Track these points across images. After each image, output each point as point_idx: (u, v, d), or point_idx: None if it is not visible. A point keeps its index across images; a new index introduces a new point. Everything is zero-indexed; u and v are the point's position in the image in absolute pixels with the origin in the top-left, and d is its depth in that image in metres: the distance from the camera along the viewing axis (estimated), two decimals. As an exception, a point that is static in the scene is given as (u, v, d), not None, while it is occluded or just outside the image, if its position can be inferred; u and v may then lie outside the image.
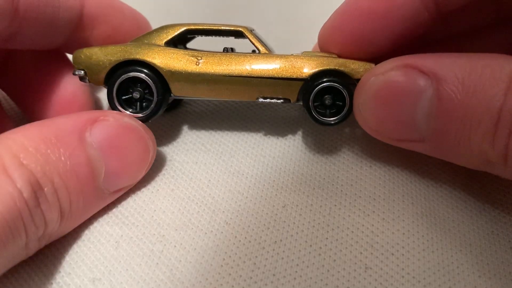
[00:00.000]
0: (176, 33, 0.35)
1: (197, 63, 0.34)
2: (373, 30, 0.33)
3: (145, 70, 0.34)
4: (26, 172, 0.26)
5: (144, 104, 0.35)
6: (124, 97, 0.35)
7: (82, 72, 0.35)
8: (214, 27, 0.36)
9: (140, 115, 0.35)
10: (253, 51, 0.36)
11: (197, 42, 0.41)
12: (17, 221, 0.25)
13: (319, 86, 0.34)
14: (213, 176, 0.36)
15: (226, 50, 0.36)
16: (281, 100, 0.35)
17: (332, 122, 0.35)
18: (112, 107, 0.35)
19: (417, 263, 0.30)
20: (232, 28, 0.36)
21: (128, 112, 0.35)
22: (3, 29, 0.31)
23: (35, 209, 0.26)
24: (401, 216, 0.33)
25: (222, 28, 0.36)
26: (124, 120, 0.33)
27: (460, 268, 0.30)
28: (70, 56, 0.41)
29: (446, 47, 0.38)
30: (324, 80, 0.34)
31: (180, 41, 0.38)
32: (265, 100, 0.35)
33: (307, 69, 0.34)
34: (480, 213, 0.34)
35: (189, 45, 0.41)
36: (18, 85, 0.39)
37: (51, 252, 0.30)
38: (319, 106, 0.35)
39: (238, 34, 0.36)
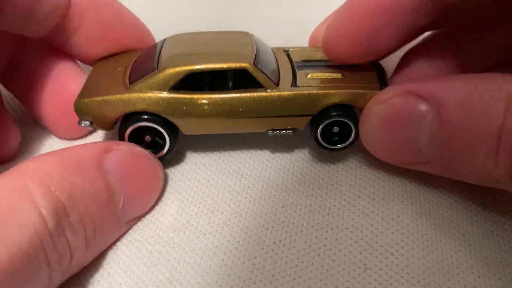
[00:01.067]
0: (179, 79, 0.33)
1: (205, 108, 0.33)
2: (380, 25, 0.32)
3: (153, 118, 0.34)
4: (54, 198, 0.26)
5: (155, 143, 0.35)
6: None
7: (88, 122, 0.34)
8: (217, 66, 0.32)
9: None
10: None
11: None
12: (38, 253, 0.24)
13: (327, 121, 0.34)
14: (212, 176, 0.36)
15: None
16: (290, 131, 0.35)
17: (339, 147, 0.35)
18: None
19: (417, 263, 0.30)
20: (238, 66, 0.32)
21: None
22: None
23: (58, 238, 0.25)
24: (401, 216, 0.33)
25: (226, 66, 0.32)
26: (137, 149, 0.33)
27: (459, 268, 0.30)
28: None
29: (448, 39, 0.38)
30: (332, 115, 0.34)
31: None
32: (275, 132, 0.35)
33: (315, 105, 0.34)
34: (480, 213, 0.34)
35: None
36: (24, 84, 0.38)
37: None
38: (326, 132, 0.35)
39: (242, 71, 0.33)
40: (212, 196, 0.34)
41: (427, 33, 0.39)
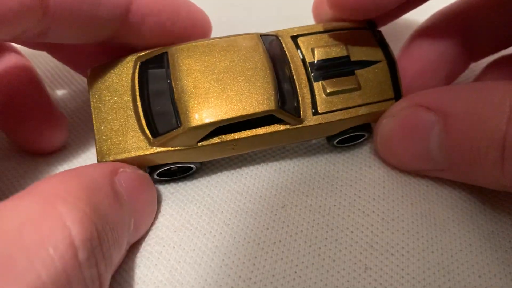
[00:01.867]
0: (207, 133, 0.31)
1: (232, 148, 0.33)
2: None
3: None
4: (89, 225, 0.23)
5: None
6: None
7: None
8: (244, 114, 0.31)
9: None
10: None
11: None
12: None
13: (344, 136, 0.36)
14: (212, 176, 0.35)
15: None
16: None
17: (349, 145, 0.38)
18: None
19: (417, 263, 0.30)
20: (264, 111, 0.31)
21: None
22: (32, 26, 0.28)
23: (89, 270, 0.22)
24: (401, 216, 0.33)
25: (252, 112, 0.31)
26: (139, 172, 0.31)
27: (460, 268, 0.30)
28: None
29: (456, 18, 0.38)
30: (349, 131, 0.36)
31: None
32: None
33: (336, 130, 0.35)
34: (480, 212, 0.33)
35: None
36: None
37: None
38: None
39: (268, 117, 0.32)
40: (212, 196, 0.34)
41: (434, 12, 0.40)
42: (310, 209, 0.33)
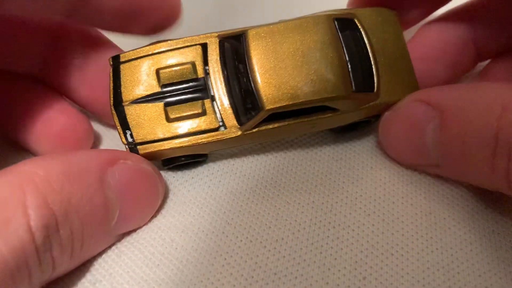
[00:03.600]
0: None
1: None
2: None
3: None
4: (47, 212, 0.24)
5: None
6: None
7: None
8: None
9: None
10: None
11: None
12: (22, 270, 0.23)
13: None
14: (215, 175, 0.36)
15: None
16: None
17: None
18: None
19: (416, 263, 0.31)
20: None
21: None
22: None
23: (44, 254, 0.25)
24: (401, 217, 0.33)
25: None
26: (142, 166, 0.32)
27: (460, 268, 0.31)
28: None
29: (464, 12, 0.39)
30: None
31: None
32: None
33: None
34: (481, 211, 0.33)
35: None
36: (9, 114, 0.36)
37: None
38: None
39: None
40: (215, 196, 0.34)
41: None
42: (313, 206, 0.34)
